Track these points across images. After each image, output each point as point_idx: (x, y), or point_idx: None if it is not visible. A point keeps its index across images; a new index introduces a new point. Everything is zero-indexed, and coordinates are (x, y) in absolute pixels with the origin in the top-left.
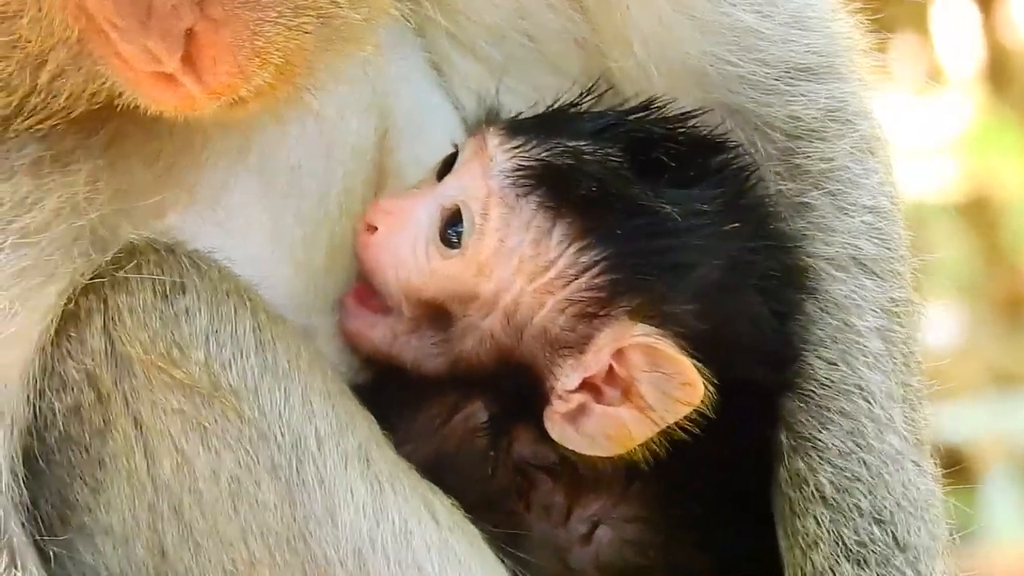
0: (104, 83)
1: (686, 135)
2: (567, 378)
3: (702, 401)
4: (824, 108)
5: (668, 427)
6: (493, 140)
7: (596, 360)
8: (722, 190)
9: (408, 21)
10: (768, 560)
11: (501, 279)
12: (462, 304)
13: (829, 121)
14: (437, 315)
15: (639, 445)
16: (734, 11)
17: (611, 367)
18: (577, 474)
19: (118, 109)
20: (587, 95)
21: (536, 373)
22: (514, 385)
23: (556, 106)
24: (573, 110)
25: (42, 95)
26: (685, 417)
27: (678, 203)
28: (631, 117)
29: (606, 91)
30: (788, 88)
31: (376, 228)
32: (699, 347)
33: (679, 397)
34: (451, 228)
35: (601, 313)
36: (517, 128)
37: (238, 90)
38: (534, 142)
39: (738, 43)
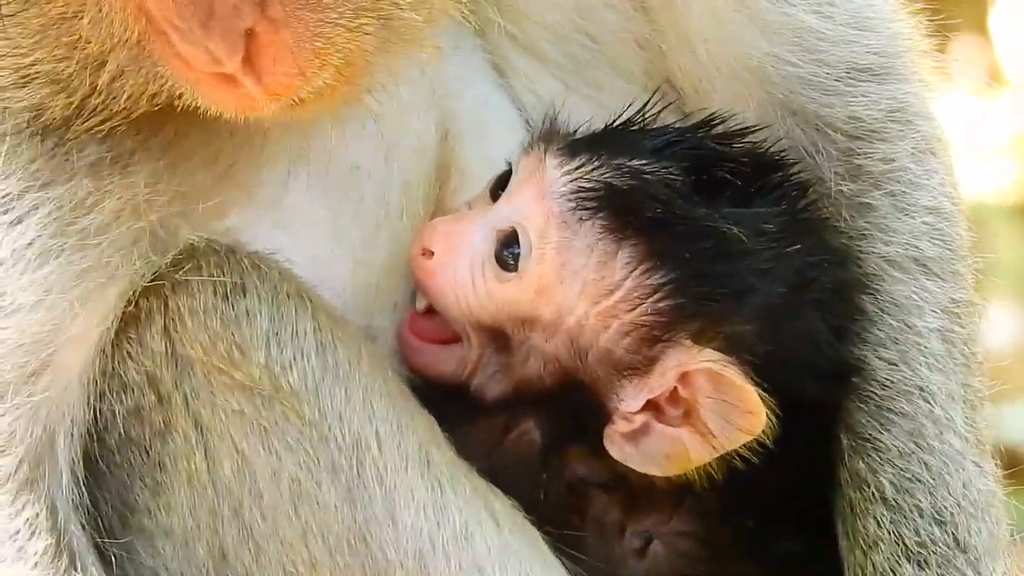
0: (164, 84)
1: (746, 152)
2: (631, 399)
3: (763, 431)
4: (885, 109)
5: (726, 453)
6: (552, 161)
7: (661, 382)
8: (783, 208)
9: (468, 22)
10: (826, 561)
11: (563, 302)
12: (523, 327)
13: (890, 122)
14: (499, 339)
15: (696, 467)
16: (795, 12)
17: (675, 388)
18: (631, 490)
19: (178, 110)
20: (647, 110)
21: (597, 393)
22: (573, 405)
23: (614, 124)
24: (632, 127)
25: (102, 96)
26: (744, 445)
27: (742, 223)
28: (691, 134)
29: (666, 107)
30: (849, 89)
31: (432, 252)
32: (760, 370)
33: (741, 425)
34: (507, 250)
35: (665, 336)
36: (576, 148)
37: (298, 91)
38: (595, 163)
39: (799, 44)
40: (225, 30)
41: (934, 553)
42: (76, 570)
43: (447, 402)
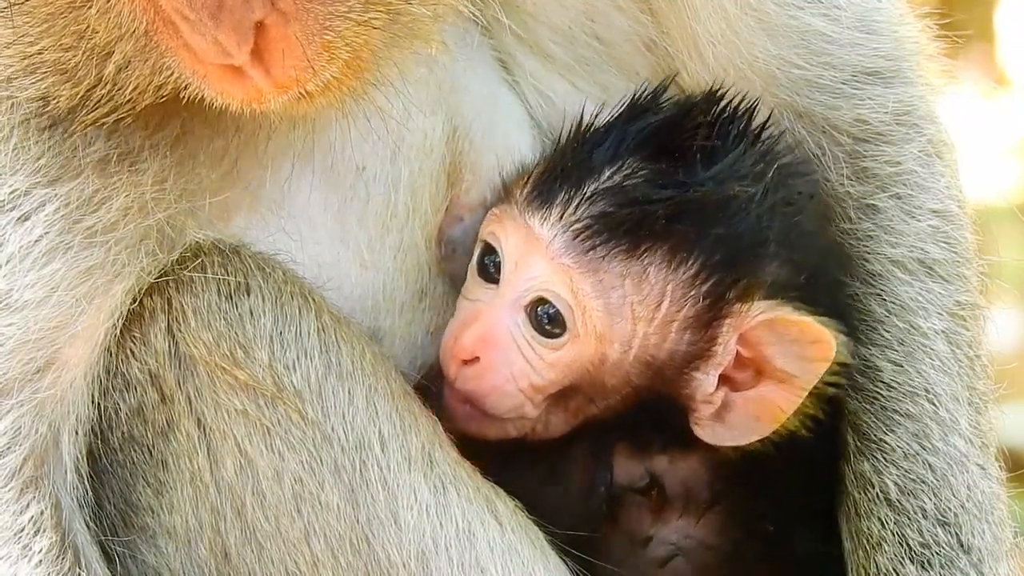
0: (171, 75)
1: (682, 109)
2: (705, 382)
3: (839, 352)
4: (891, 112)
5: (816, 388)
6: (533, 219)
7: (725, 353)
8: (743, 140)
9: (476, 20)
10: (830, 561)
11: (623, 334)
12: (594, 371)
13: (896, 125)
14: (565, 394)
15: (793, 416)
16: (802, 15)
17: (737, 352)
18: (663, 493)
19: (184, 104)
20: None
21: (669, 394)
22: (642, 415)
23: (562, 154)
24: (577, 147)
25: (108, 87)
26: (830, 372)
27: (726, 178)
28: (628, 123)
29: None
30: (855, 92)
31: (476, 358)
32: (809, 298)
33: (814, 355)
34: (541, 314)
35: (717, 313)
36: (545, 194)
37: (306, 84)
38: (576, 201)
39: (806, 46)
40: (235, 22)
41: (938, 554)
42: (80, 567)
43: (502, 451)
